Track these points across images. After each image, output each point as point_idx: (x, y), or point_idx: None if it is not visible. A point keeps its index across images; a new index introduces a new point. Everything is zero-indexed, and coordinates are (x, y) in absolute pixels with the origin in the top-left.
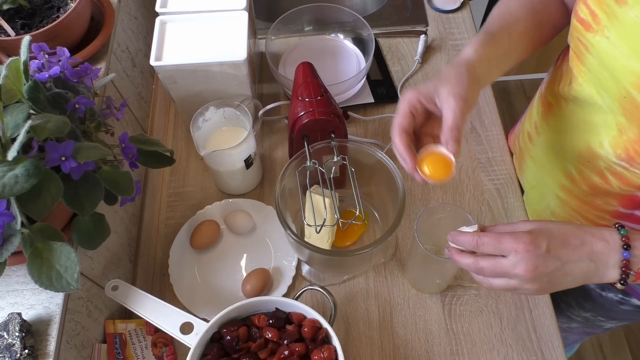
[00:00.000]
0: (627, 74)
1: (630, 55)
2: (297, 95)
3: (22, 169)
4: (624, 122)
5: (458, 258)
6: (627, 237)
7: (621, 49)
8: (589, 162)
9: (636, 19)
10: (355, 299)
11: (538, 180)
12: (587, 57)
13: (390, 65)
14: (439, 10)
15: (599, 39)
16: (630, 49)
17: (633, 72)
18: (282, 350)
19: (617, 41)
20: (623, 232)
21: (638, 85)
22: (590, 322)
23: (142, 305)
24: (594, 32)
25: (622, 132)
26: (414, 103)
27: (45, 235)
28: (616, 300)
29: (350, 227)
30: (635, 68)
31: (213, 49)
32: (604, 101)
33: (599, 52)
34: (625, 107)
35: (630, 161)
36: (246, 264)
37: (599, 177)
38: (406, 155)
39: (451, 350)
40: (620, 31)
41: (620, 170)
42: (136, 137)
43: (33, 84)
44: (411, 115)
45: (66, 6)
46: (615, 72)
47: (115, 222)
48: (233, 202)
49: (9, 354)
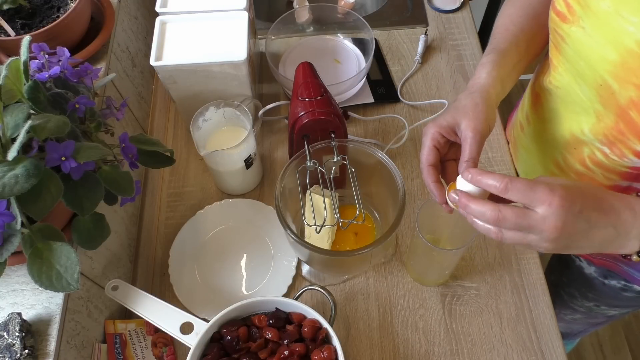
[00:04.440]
0: (602, 63)
1: (605, 44)
2: (297, 95)
3: (22, 169)
4: (601, 110)
5: (473, 204)
6: None
7: (596, 38)
8: (575, 149)
9: (608, 9)
10: (355, 299)
11: (531, 169)
12: (564, 47)
13: (390, 65)
14: (439, 10)
15: (574, 29)
16: (604, 39)
17: (608, 61)
18: (282, 350)
19: (592, 31)
20: None
21: (613, 73)
22: (594, 311)
23: (142, 305)
24: (569, 23)
25: (599, 119)
26: (437, 137)
27: (45, 235)
28: (619, 287)
29: (361, 233)
30: (610, 56)
31: (213, 49)
32: (582, 90)
33: (575, 42)
34: (601, 94)
35: (610, 146)
36: (246, 264)
37: (581, 165)
38: (435, 189)
39: (451, 350)
40: (594, 22)
41: (601, 158)
42: (136, 137)
43: (33, 84)
44: (436, 150)
45: (66, 6)
46: (590, 61)
47: (115, 222)
48: (233, 202)
49: (9, 354)
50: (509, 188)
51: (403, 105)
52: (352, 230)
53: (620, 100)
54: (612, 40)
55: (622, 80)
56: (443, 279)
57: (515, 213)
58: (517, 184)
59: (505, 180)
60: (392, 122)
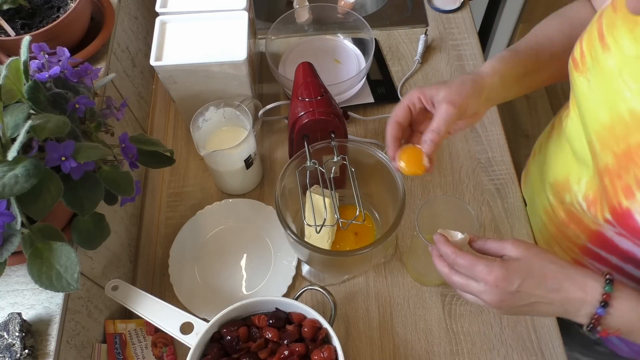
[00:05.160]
0: (594, 121)
1: (602, 103)
2: (297, 95)
3: (22, 169)
4: (592, 166)
5: (436, 261)
6: (609, 295)
7: (596, 95)
8: (559, 193)
9: (613, 68)
10: (355, 299)
11: (531, 198)
12: (574, 93)
13: (390, 65)
14: (439, 10)
15: (581, 80)
16: (603, 97)
17: (599, 121)
18: (282, 350)
19: (595, 86)
20: (608, 288)
21: (599, 134)
22: None
23: (142, 305)
24: (579, 72)
25: (594, 175)
26: (414, 100)
27: (45, 235)
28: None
29: (361, 233)
30: (602, 117)
31: (213, 49)
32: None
33: (579, 93)
34: (592, 152)
35: (590, 205)
36: (246, 264)
37: (564, 212)
38: (391, 143)
39: (451, 350)
40: (599, 77)
41: (578, 209)
42: (136, 137)
43: (33, 84)
44: (408, 109)
45: (66, 6)
46: (585, 115)
47: (115, 222)
48: (233, 202)
49: (9, 354)
50: (455, 262)
51: None
52: (352, 230)
53: (599, 163)
54: (609, 101)
55: (604, 144)
56: (443, 279)
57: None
58: (460, 260)
59: (453, 256)
60: None
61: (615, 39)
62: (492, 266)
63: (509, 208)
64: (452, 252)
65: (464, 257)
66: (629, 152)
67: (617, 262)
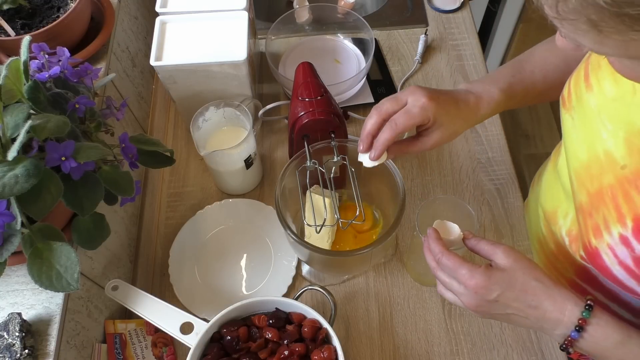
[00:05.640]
0: (573, 159)
1: (582, 142)
2: (297, 95)
3: (22, 169)
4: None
5: (426, 254)
6: (585, 321)
7: (578, 133)
8: (549, 225)
9: (594, 108)
10: (355, 299)
11: (528, 226)
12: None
13: (390, 65)
14: (439, 10)
15: (567, 117)
16: (583, 136)
17: (578, 159)
18: (282, 350)
19: (578, 124)
20: (586, 314)
21: (577, 172)
22: None
23: (142, 305)
24: (566, 110)
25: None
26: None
27: (45, 235)
28: None
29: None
30: (581, 155)
31: (213, 49)
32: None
33: (565, 130)
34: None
35: (572, 241)
36: (246, 264)
37: (554, 244)
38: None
39: (451, 350)
40: (581, 117)
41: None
42: (136, 137)
43: (33, 84)
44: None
45: (66, 6)
46: (567, 152)
47: (115, 222)
48: (233, 202)
49: (9, 354)
50: (440, 262)
51: None
52: (352, 231)
53: (576, 201)
54: (588, 140)
55: (580, 182)
56: None
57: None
58: (446, 261)
59: (440, 255)
60: None
61: (598, 79)
62: (475, 272)
63: (509, 208)
64: (439, 251)
65: (449, 258)
66: (601, 192)
67: (603, 299)
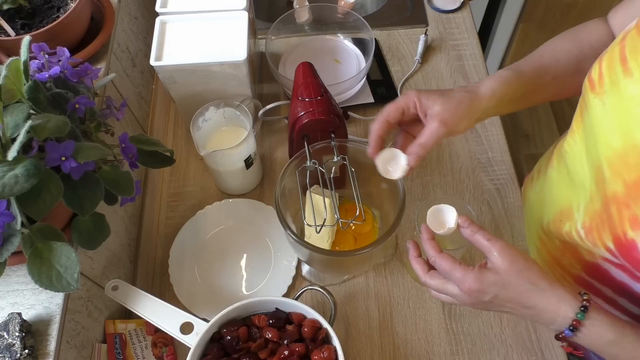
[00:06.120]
0: (605, 146)
1: (615, 129)
2: (297, 95)
3: (22, 169)
4: (594, 192)
5: (412, 261)
6: (579, 322)
7: (610, 119)
8: (560, 221)
9: (633, 94)
10: (355, 299)
11: (527, 222)
12: (585, 115)
13: (390, 65)
14: (439, 10)
15: (596, 102)
16: (617, 123)
17: (611, 147)
18: (282, 350)
19: (610, 111)
20: (580, 316)
21: (610, 161)
22: None
23: (142, 305)
24: (595, 94)
25: (592, 201)
26: (409, 104)
27: (45, 235)
28: None
29: (363, 234)
30: (615, 143)
31: (213, 49)
32: (587, 164)
33: (592, 115)
34: (597, 177)
35: (587, 232)
36: (246, 264)
37: (559, 240)
38: (374, 141)
39: (451, 350)
40: (616, 102)
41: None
42: (136, 137)
43: (33, 84)
44: (401, 111)
45: (66, 6)
46: (597, 140)
47: (115, 222)
48: (233, 202)
49: (9, 354)
50: (435, 263)
51: None
52: (352, 231)
53: (607, 190)
54: (624, 127)
55: (615, 172)
56: None
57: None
58: (442, 263)
59: (435, 256)
60: None
61: (639, 64)
62: (467, 276)
63: (508, 208)
64: (433, 253)
65: (444, 261)
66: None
67: (611, 294)
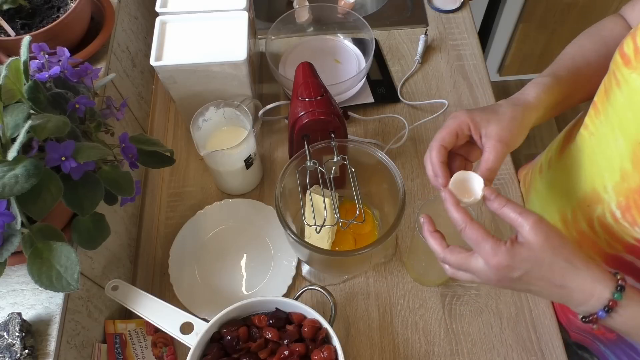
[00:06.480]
0: None
1: None
2: (297, 95)
3: (22, 169)
4: (629, 169)
5: (428, 236)
6: (617, 302)
7: None
8: (589, 206)
9: None
10: (355, 299)
11: None
12: (615, 93)
13: (390, 65)
14: (439, 10)
15: (634, 76)
16: None
17: None
18: (282, 350)
19: None
20: (617, 296)
21: None
22: None
23: (142, 305)
24: (631, 69)
25: (624, 179)
26: (463, 126)
27: (45, 235)
28: None
29: (363, 234)
30: None
31: (213, 49)
32: (616, 143)
33: (630, 90)
34: (636, 153)
35: (625, 211)
36: (246, 264)
37: (588, 225)
38: (440, 171)
39: (451, 350)
40: None
41: (610, 221)
42: (136, 137)
43: (33, 84)
44: (456, 135)
45: (66, 6)
46: (636, 114)
47: (115, 222)
48: (233, 202)
49: (9, 354)
50: (465, 231)
51: (403, 105)
52: (352, 231)
53: None
54: None
55: None
56: (443, 279)
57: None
58: (471, 231)
59: (464, 224)
60: (392, 122)
61: None
62: (498, 250)
63: None
64: (462, 220)
65: (476, 230)
66: None
67: (633, 282)
